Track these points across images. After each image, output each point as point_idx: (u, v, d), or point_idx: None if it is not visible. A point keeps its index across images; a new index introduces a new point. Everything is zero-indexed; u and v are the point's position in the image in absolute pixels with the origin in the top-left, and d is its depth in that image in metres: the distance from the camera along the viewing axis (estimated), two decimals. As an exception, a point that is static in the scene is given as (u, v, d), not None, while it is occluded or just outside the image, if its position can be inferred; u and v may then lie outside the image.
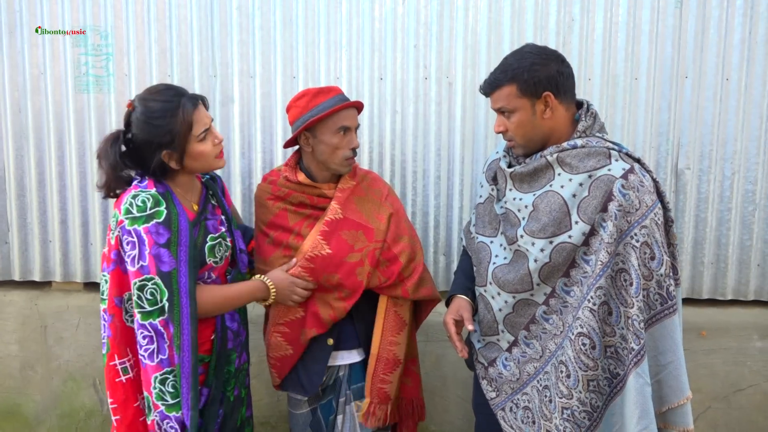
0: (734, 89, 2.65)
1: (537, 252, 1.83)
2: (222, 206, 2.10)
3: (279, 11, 2.74)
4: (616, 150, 1.82)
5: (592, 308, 1.77)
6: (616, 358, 1.80)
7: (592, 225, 1.77)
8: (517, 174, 1.91)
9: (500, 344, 2.00)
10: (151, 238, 1.82)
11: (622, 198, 1.74)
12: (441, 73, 2.74)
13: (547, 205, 1.83)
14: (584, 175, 1.79)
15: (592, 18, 2.66)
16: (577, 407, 1.81)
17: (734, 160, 2.70)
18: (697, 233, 2.76)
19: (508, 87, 1.83)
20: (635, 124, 2.70)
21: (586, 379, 1.79)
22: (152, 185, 1.89)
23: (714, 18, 2.63)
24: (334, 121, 2.08)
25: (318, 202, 2.16)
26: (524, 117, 1.84)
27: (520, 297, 1.91)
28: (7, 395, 3.00)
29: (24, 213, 2.93)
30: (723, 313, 2.80)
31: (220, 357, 2.02)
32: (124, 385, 1.96)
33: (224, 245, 2.03)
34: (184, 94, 1.91)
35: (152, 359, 1.86)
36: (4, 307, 2.97)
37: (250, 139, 2.82)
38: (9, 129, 2.87)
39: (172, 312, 1.83)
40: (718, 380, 2.78)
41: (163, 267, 1.82)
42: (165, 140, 1.86)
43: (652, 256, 1.77)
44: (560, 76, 1.82)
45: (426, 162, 2.80)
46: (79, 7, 2.77)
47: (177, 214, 1.87)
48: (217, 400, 2.01)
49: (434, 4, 2.70)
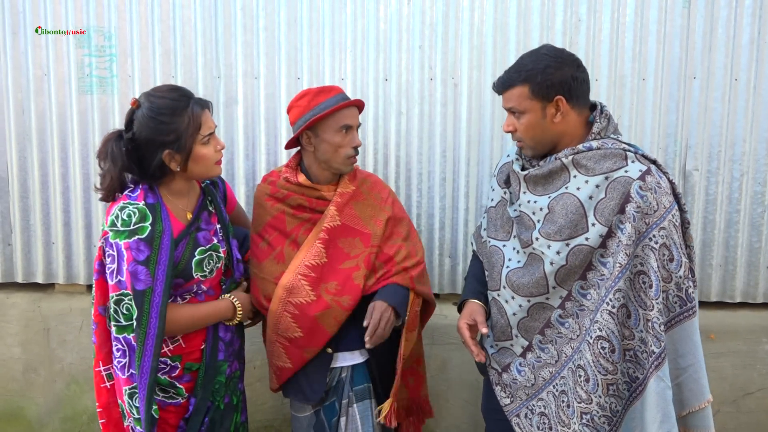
0: (743, 90, 2.63)
1: (553, 254, 1.81)
2: (219, 214, 2.06)
3: (283, 12, 2.72)
4: (632, 151, 1.80)
5: (611, 311, 1.74)
6: (635, 362, 1.77)
7: (609, 227, 1.75)
8: (531, 176, 1.89)
9: (514, 349, 1.98)
10: (130, 254, 1.79)
11: (640, 199, 1.72)
12: (446, 74, 2.72)
13: (563, 207, 1.80)
14: (601, 177, 1.77)
15: (599, 18, 2.64)
16: (596, 412, 1.78)
17: (743, 162, 2.67)
18: (706, 235, 2.74)
19: (520, 87, 1.81)
20: (643, 125, 2.68)
21: (605, 383, 1.76)
22: (142, 196, 1.85)
23: (722, 18, 2.61)
24: (336, 120, 2.08)
25: (317, 204, 2.15)
26: (534, 119, 1.82)
27: (535, 301, 1.88)
28: (9, 398, 2.98)
29: (27, 215, 2.92)
30: (732, 316, 2.77)
31: (209, 368, 1.98)
32: (108, 391, 1.96)
33: (215, 257, 1.99)
34: (193, 97, 1.89)
35: (123, 372, 1.85)
36: (6, 309, 2.96)
37: (254, 140, 2.81)
38: (12, 130, 2.86)
39: (138, 332, 1.80)
40: (727, 384, 2.76)
41: (138, 285, 1.79)
42: (169, 139, 1.83)
43: (671, 258, 1.74)
44: (574, 81, 1.79)
45: (431, 163, 2.78)
46: (82, 8, 2.76)
47: (161, 231, 1.83)
48: (202, 411, 1.97)
49: (440, 5, 2.68)
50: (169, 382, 1.95)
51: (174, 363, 1.95)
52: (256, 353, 2.86)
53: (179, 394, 1.96)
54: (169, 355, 1.95)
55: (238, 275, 2.10)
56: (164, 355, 1.93)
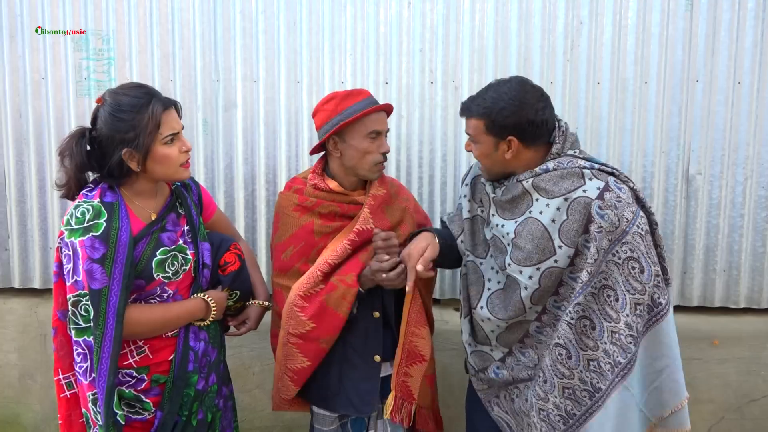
0: (746, 93, 2.61)
1: (526, 280, 1.87)
2: (189, 216, 1.98)
3: (283, 15, 2.71)
4: (587, 168, 1.84)
5: (569, 322, 1.83)
6: (599, 372, 1.82)
7: (575, 247, 1.81)
8: (498, 201, 1.96)
9: (493, 354, 2.04)
10: (85, 252, 1.73)
11: (601, 219, 1.76)
12: (447, 78, 2.70)
13: (529, 233, 1.85)
14: (560, 199, 1.82)
15: (600, 21, 2.62)
16: (552, 410, 1.89)
17: (746, 165, 2.65)
18: (709, 240, 2.71)
19: (476, 120, 1.88)
20: (645, 129, 2.66)
21: (561, 386, 1.86)
22: (98, 195, 1.79)
23: (725, 21, 2.59)
24: (365, 125, 2.01)
25: (349, 210, 2.08)
26: (486, 150, 1.90)
27: (513, 321, 1.95)
28: (6, 404, 2.95)
29: (24, 219, 2.90)
30: (736, 321, 2.75)
31: (177, 379, 1.88)
32: (68, 401, 1.90)
33: (181, 258, 1.91)
34: (156, 95, 1.82)
35: (85, 377, 1.78)
36: (3, 315, 2.93)
37: (253, 144, 2.78)
38: (9, 134, 2.84)
39: (96, 333, 1.73)
40: (731, 390, 2.73)
41: (94, 284, 1.72)
42: (128, 137, 1.76)
43: (641, 270, 1.78)
44: (530, 126, 1.83)
45: (432, 167, 2.76)
46: (80, 11, 2.74)
47: (118, 228, 1.77)
48: (169, 425, 1.87)
49: (440, 8, 2.66)
50: (135, 396, 1.85)
51: (140, 375, 1.85)
52: (254, 359, 2.83)
53: (146, 409, 1.86)
54: (134, 366, 1.85)
55: (203, 282, 1.99)
56: (129, 366, 1.85)
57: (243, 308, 2.14)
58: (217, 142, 2.79)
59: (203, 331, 1.97)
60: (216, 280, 2.04)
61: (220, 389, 2.06)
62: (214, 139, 2.78)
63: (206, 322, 1.96)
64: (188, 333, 1.93)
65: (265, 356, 2.75)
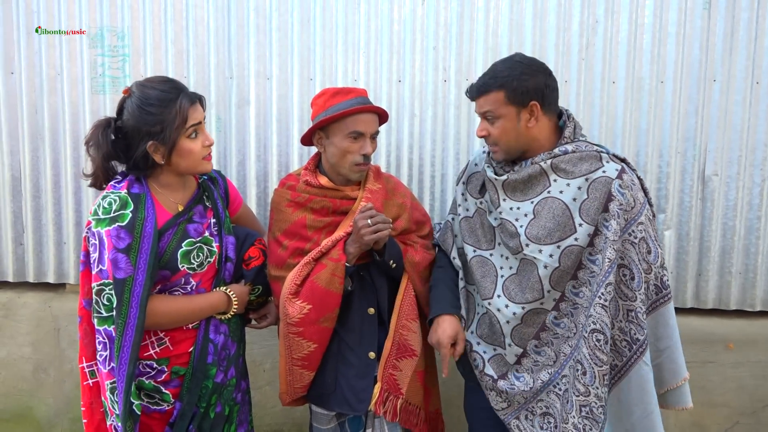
0: (764, 93, 2.58)
1: (546, 258, 1.88)
2: (216, 209, 2.01)
3: (296, 12, 2.70)
4: (604, 152, 1.91)
5: (603, 304, 1.83)
6: (615, 350, 1.87)
7: (595, 225, 1.84)
8: (510, 182, 1.95)
9: (507, 358, 2.00)
10: (110, 241, 1.76)
11: (621, 197, 1.82)
12: (461, 76, 2.68)
13: (550, 210, 1.88)
14: (581, 179, 1.87)
15: (616, 19, 2.60)
16: (595, 403, 1.85)
17: (764, 167, 2.61)
18: (725, 242, 2.68)
19: (496, 93, 1.88)
20: (661, 129, 2.63)
21: (601, 374, 1.84)
22: (126, 186, 1.83)
23: (744, 20, 2.55)
24: (347, 125, 2.01)
25: (341, 205, 2.08)
26: (509, 124, 1.89)
27: (530, 307, 1.93)
28: (19, 398, 2.98)
29: (39, 214, 2.92)
30: (752, 324, 2.71)
31: (196, 371, 1.91)
32: (90, 389, 1.93)
33: (207, 250, 1.94)
34: (183, 90, 1.86)
35: (105, 366, 1.81)
36: (18, 309, 2.96)
37: (266, 141, 2.79)
38: (25, 130, 2.87)
39: (118, 322, 1.75)
40: (746, 394, 2.69)
41: (118, 273, 1.75)
42: (154, 130, 1.80)
43: (648, 251, 1.86)
44: (546, 89, 1.88)
45: (444, 166, 2.74)
46: (96, 8, 2.76)
47: (143, 219, 1.80)
48: (187, 416, 1.90)
49: (454, 6, 2.65)
50: (155, 387, 1.88)
51: (160, 366, 1.89)
52: (265, 356, 2.84)
53: (165, 400, 1.90)
54: (155, 357, 1.89)
55: (226, 274, 2.02)
56: (150, 357, 1.88)
57: (265, 303, 2.17)
58: (230, 139, 2.79)
59: (224, 324, 2.01)
60: (239, 274, 2.07)
61: (239, 383, 2.09)
62: (227, 136, 2.79)
63: (227, 315, 1.99)
64: (209, 326, 1.96)
65: (276, 353, 2.74)
